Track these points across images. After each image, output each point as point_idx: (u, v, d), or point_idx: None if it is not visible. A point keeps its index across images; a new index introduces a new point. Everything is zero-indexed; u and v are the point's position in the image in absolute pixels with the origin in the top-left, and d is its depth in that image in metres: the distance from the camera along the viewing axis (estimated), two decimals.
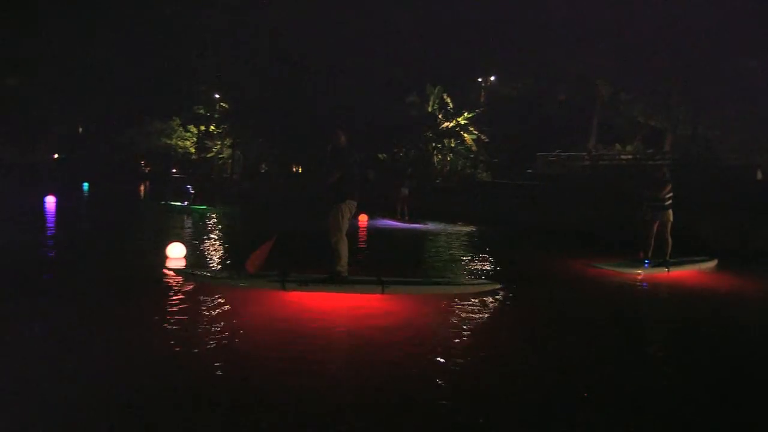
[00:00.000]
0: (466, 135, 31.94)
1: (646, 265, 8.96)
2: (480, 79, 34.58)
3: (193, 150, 48.28)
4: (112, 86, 45.48)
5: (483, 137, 31.83)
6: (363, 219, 16.03)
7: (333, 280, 6.45)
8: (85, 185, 33.68)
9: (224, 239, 11.96)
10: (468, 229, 15.38)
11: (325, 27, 37.23)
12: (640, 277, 8.51)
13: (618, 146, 32.31)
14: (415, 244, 12.60)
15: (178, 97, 43.83)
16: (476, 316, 5.80)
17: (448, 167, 33.30)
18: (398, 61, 35.18)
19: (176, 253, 8.52)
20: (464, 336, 5.07)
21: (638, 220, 9.28)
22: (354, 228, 14.63)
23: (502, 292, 6.82)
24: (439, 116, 32.27)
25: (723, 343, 5.42)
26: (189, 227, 13.87)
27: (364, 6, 36.97)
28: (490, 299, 6.49)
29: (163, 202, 19.98)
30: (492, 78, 34.51)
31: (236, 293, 6.22)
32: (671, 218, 8.94)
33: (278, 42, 38.25)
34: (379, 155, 34.62)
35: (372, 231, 14.40)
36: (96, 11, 43.29)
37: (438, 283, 6.90)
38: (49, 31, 42.17)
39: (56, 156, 56.18)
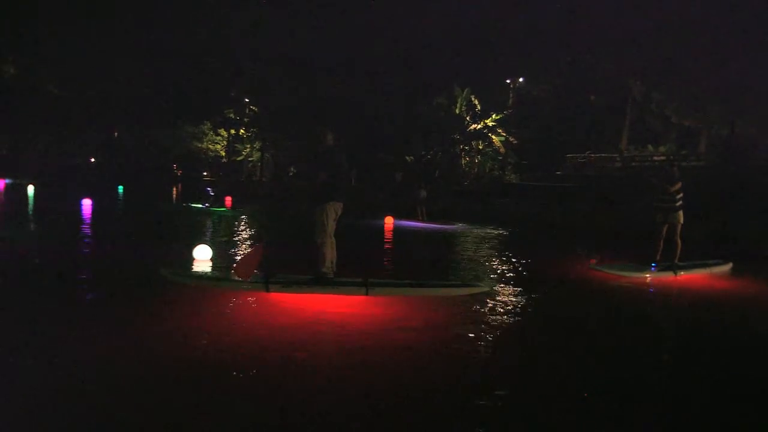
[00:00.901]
0: (494, 137, 31.75)
1: (652, 268, 8.49)
2: (508, 81, 34.32)
3: (223, 153, 49.14)
4: (148, 91, 46.67)
5: (511, 139, 31.58)
6: (389, 221, 16.11)
7: (317, 282, 6.36)
8: (120, 188, 34.59)
9: (237, 241, 11.83)
10: (497, 231, 15.28)
11: (352, 30, 37.54)
12: (643, 281, 8.07)
13: (651, 147, 31.65)
14: (437, 245, 12.58)
15: (208, 101, 44.69)
16: (460, 318, 5.62)
17: (476, 169, 33.14)
18: (426, 63, 35.21)
19: (203, 255, 8.57)
20: (444, 338, 4.95)
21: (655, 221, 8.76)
22: (380, 229, 14.71)
23: (491, 295, 6.62)
24: (467, 118, 32.15)
25: (725, 355, 4.96)
26: (209, 228, 13.95)
27: (392, 10, 37.21)
28: (477, 301, 6.26)
29: (184, 204, 20.31)
30: (521, 79, 34.21)
31: (218, 296, 6.08)
32: (681, 220, 8.51)
33: (304, 45, 38.67)
34: (407, 157, 34.69)
35: (399, 231, 14.43)
36: (129, 19, 44.46)
37: (424, 286, 6.63)
38: (89, 41, 43.51)
39: (93, 160, 57.87)
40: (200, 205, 18.89)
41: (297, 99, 38.60)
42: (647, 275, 8.28)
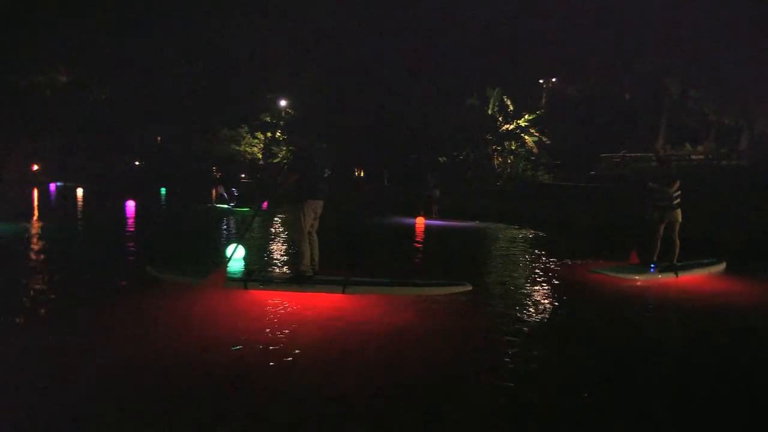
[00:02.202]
0: (526, 137, 31.68)
1: (651, 270, 8.14)
2: (541, 81, 34.18)
3: (260, 156, 50.39)
4: (189, 96, 48.27)
5: (544, 139, 31.45)
6: (420, 221, 16.55)
7: (296, 280, 6.38)
8: (163, 190, 35.95)
9: (254, 240, 11.88)
10: (525, 231, 15.43)
11: (385, 31, 38.01)
12: (640, 283, 7.68)
13: (688, 146, 31.05)
14: (457, 244, 12.86)
15: (246, 105, 45.93)
16: (436, 317, 5.55)
17: (508, 170, 33.12)
18: (458, 64, 35.40)
19: (237, 254, 8.97)
20: (417, 338, 4.90)
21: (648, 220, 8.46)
22: (410, 229, 15.10)
23: (471, 295, 6.41)
24: (499, 119, 32.18)
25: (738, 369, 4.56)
26: (230, 228, 14.12)
27: (424, 10, 37.50)
28: (454, 302, 6.12)
29: (209, 205, 20.99)
30: (553, 79, 34.03)
31: (194, 294, 6.09)
32: (680, 218, 8.22)
33: (339, 48, 39.36)
34: (440, 158, 34.94)
35: (430, 230, 14.79)
36: (170, 25, 45.98)
37: (404, 285, 6.52)
38: (136, 49, 45.27)
39: (137, 163, 60.10)
40: (225, 206, 19.55)
41: (330, 101, 39.30)
42: (646, 277, 7.93)
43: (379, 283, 6.55)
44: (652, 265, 8.24)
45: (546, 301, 6.53)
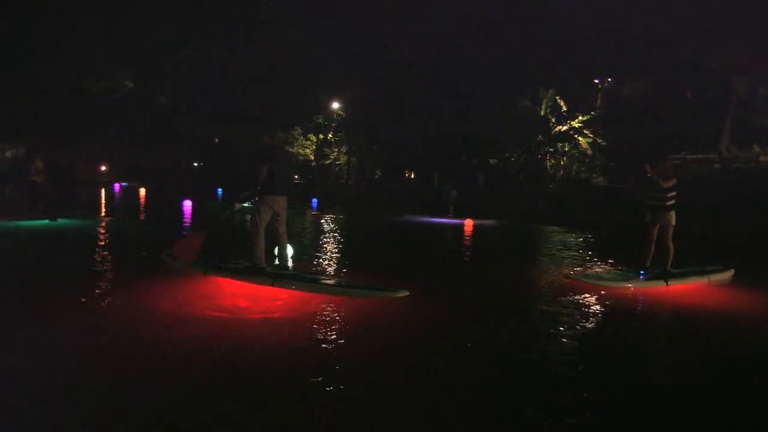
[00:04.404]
0: (580, 138, 30.94)
1: (641, 277, 7.56)
2: (596, 81, 33.27)
3: (312, 157, 51.27)
4: (245, 99, 49.73)
5: (599, 140, 30.62)
6: (469, 223, 16.59)
7: (249, 272, 6.75)
8: (219, 190, 37.21)
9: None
10: (577, 234, 15.14)
11: (436, 30, 37.93)
12: (626, 292, 7.04)
13: (756, 147, 29.42)
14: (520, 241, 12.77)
15: (299, 107, 46.83)
16: (358, 321, 5.42)
17: (561, 172, 32.43)
18: (510, 64, 34.92)
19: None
20: (292, 332, 5.00)
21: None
22: (459, 229, 15.13)
23: (403, 302, 6.08)
24: (552, 119, 31.57)
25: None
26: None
27: (477, 10, 37.19)
28: (386, 306, 5.94)
29: (238, 205, 21.50)
30: (609, 79, 33.07)
31: (157, 276, 6.93)
32: (673, 221, 7.70)
33: (391, 49, 39.55)
34: (491, 160, 34.61)
35: (479, 229, 14.75)
36: (227, 29, 47.51)
37: (335, 285, 6.53)
38: (196, 53, 47.09)
39: (196, 164, 62.41)
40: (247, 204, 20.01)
41: (379, 102, 39.56)
42: (633, 285, 7.31)
43: (311, 279, 6.72)
44: (642, 272, 7.71)
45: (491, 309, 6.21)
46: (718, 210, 15.76)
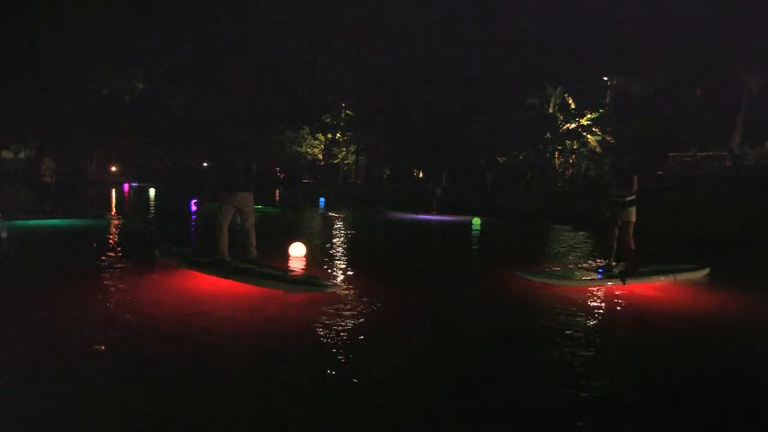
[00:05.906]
0: (589, 136, 30.68)
1: (599, 275, 7.35)
2: (606, 78, 33.00)
3: (320, 156, 51.35)
4: (253, 99, 49.86)
5: (608, 138, 30.35)
6: (477, 222, 16.57)
7: (213, 265, 7.24)
8: None
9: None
10: (578, 232, 15.04)
11: (444, 30, 37.82)
12: (575, 291, 6.71)
13: None
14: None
15: (307, 106, 46.88)
16: (281, 315, 5.53)
17: (570, 170, 32.19)
18: (519, 62, 34.74)
19: (297, 251, 9.31)
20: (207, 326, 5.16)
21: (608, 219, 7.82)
22: (468, 226, 15.08)
23: (336, 298, 6.08)
24: (560, 117, 31.34)
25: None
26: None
27: (484, 7, 37.02)
28: (315, 302, 5.90)
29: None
30: (619, 77, 32.79)
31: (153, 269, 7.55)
32: (633, 218, 7.48)
33: (399, 48, 39.49)
34: (498, 158, 34.44)
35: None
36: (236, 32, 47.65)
37: (275, 278, 6.65)
38: (203, 55, 47.28)
39: (204, 164, 62.72)
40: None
41: (386, 102, 39.54)
42: (582, 284, 7.07)
43: (253, 273, 6.88)
44: (600, 270, 7.57)
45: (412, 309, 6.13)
46: (725, 208, 15.55)
